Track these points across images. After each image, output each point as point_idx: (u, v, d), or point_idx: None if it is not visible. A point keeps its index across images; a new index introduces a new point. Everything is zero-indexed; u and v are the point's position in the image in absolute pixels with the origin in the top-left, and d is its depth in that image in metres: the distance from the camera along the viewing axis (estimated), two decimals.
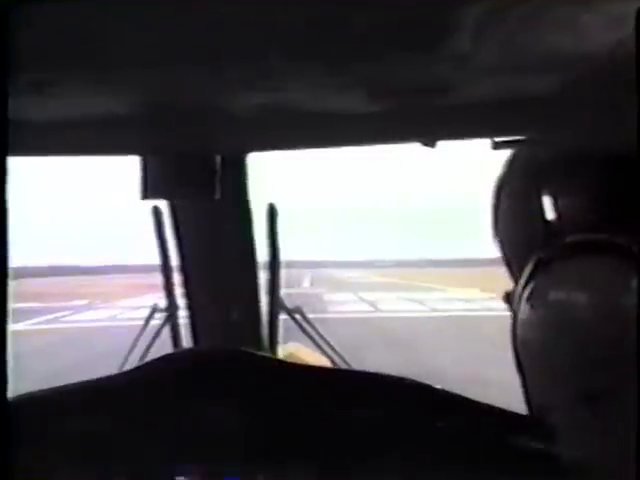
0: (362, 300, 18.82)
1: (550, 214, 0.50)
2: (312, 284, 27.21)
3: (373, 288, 24.42)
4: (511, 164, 0.58)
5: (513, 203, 0.55)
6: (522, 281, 0.50)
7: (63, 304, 17.51)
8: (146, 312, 1.57)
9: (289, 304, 1.55)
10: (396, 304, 17.15)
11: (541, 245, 0.48)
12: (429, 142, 1.15)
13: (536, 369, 0.51)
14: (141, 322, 1.56)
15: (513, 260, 0.55)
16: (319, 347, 1.52)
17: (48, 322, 13.27)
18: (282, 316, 1.53)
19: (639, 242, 0.43)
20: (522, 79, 0.95)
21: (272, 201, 1.44)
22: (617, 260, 0.43)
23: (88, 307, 17.09)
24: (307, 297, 18.23)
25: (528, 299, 0.49)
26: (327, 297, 19.25)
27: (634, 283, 0.42)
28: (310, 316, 1.54)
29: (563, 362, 0.47)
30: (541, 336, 0.49)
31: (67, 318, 14.16)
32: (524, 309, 0.50)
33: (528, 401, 0.58)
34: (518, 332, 0.52)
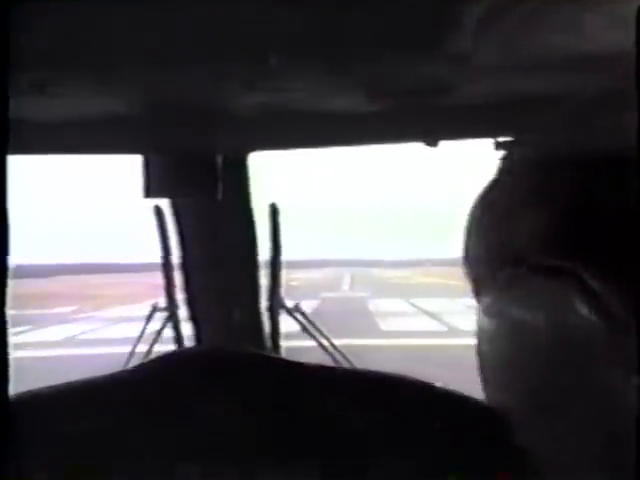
0: (419, 310, 14.00)
1: (511, 241, 0.53)
2: (352, 286, 23.43)
3: (425, 292, 19.56)
4: (483, 197, 0.61)
5: (482, 232, 0.59)
6: (484, 299, 0.55)
7: (47, 311, 13.93)
8: (131, 328, 1.51)
9: (329, 310, 1.49)
10: (471, 318, 12.59)
11: (500, 268, 0.52)
12: (431, 142, 1.15)
13: (492, 380, 0.55)
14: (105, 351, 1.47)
15: (479, 283, 0.59)
16: (320, 345, 1.52)
17: None
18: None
19: (588, 268, 0.46)
20: (523, 78, 0.95)
21: (275, 200, 1.44)
22: (564, 283, 0.47)
23: (67, 317, 13.43)
24: (349, 303, 14.61)
25: (485, 312, 0.53)
26: (373, 305, 15.16)
27: (578, 304, 0.46)
28: (360, 342, 1.32)
29: (512, 373, 0.52)
30: (495, 347, 0.53)
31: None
32: (482, 321, 0.54)
33: None
34: (478, 344, 0.56)
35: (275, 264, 1.46)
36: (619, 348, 0.45)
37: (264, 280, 1.50)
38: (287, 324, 1.50)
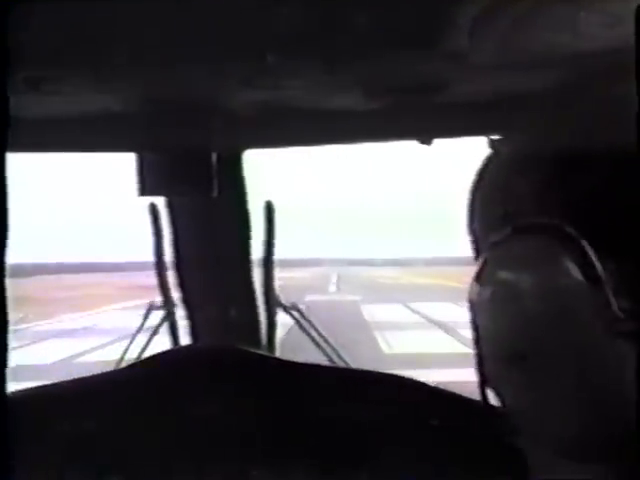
0: (424, 319, 11.29)
1: (502, 207, 0.55)
2: (339, 287, 21.13)
3: (422, 294, 16.69)
4: (478, 174, 0.63)
5: (477, 203, 0.61)
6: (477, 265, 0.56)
7: None
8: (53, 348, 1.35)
9: (316, 319, 1.45)
10: None
11: (491, 232, 0.54)
12: (426, 140, 1.15)
13: (486, 348, 0.55)
14: None
15: (478, 251, 0.60)
16: (317, 345, 1.52)
17: None
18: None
19: (572, 224, 0.48)
20: (519, 77, 0.95)
21: (269, 198, 1.44)
22: (548, 239, 0.49)
23: None
24: (338, 309, 12.05)
25: (477, 279, 0.54)
26: (367, 311, 12.78)
27: (560, 258, 0.48)
28: None
29: (501, 332, 0.53)
30: (487, 312, 0.54)
31: None
32: (474, 290, 0.55)
33: (482, 385, 0.62)
34: (472, 316, 0.57)
35: (269, 261, 1.46)
36: (600, 303, 0.46)
37: (259, 278, 1.50)
38: None
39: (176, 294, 1.53)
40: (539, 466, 0.56)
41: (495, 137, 1.07)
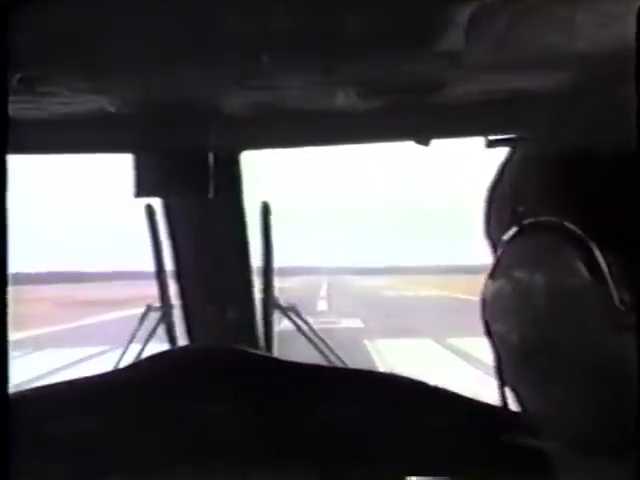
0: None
1: (513, 207, 0.57)
2: (331, 302, 15.78)
3: (450, 317, 10.75)
4: (495, 176, 0.65)
5: (498, 203, 0.62)
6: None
7: None
8: None
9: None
10: None
11: (504, 232, 0.56)
12: (423, 140, 1.15)
13: (500, 347, 0.56)
14: None
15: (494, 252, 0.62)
16: (315, 346, 1.52)
17: None
18: None
19: (575, 222, 0.49)
20: (516, 77, 0.95)
21: (266, 199, 1.44)
22: (553, 237, 0.50)
23: None
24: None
25: (490, 277, 0.55)
26: (380, 356, 8.13)
27: (568, 256, 0.49)
28: None
29: (513, 330, 0.54)
30: (499, 310, 0.55)
31: None
32: (487, 288, 0.56)
33: (501, 386, 0.62)
34: (484, 314, 0.58)
35: (267, 263, 1.46)
36: (604, 297, 0.47)
37: (258, 279, 1.49)
38: None
39: (174, 295, 1.53)
40: (564, 466, 0.56)
41: (492, 137, 1.07)
